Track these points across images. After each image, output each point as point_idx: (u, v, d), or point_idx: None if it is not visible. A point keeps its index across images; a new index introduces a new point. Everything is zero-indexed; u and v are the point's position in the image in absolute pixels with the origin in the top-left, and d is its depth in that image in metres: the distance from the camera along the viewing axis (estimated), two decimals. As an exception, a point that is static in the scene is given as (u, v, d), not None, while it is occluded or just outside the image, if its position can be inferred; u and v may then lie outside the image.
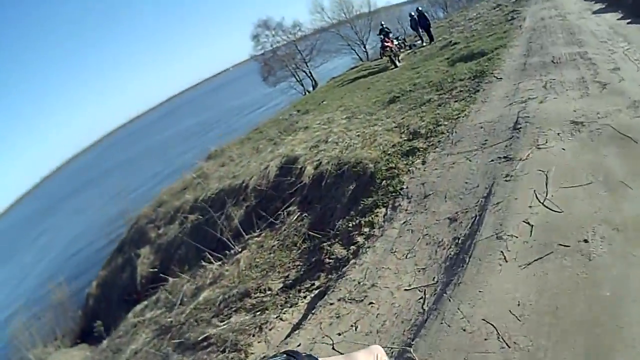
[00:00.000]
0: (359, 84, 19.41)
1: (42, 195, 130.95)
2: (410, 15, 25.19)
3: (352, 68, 28.69)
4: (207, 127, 50.70)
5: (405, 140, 8.21)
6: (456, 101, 9.19)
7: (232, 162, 15.03)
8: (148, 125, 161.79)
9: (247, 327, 5.72)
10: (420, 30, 24.02)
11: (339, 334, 4.17)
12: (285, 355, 0.77)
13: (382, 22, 28.42)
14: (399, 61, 20.68)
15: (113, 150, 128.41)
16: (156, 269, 12.23)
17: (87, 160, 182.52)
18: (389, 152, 7.86)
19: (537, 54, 10.79)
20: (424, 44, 23.64)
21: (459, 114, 8.26)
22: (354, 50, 37.69)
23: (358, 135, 9.85)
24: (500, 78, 9.59)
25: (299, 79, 35.64)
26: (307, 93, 33.29)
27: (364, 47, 36.48)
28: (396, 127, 9.22)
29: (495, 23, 18.55)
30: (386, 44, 20.23)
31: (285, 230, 8.49)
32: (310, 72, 35.53)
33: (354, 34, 37.77)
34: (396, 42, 26.25)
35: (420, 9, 24.09)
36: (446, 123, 8.05)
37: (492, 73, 10.22)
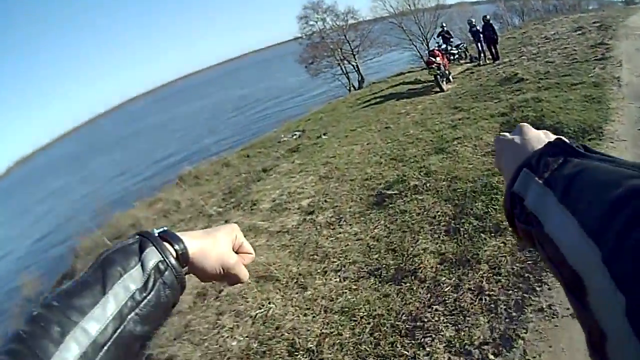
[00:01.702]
0: (384, 110, 14.09)
1: (86, 136, 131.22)
2: (471, 24, 19.04)
3: (398, 74, 22.94)
4: (243, 105, 45.87)
5: None
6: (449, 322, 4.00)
7: (168, 215, 10.97)
8: (203, 84, 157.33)
9: None
10: (483, 44, 17.91)
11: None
12: (137, 236, 0.66)
13: (444, 24, 22.52)
14: (447, 81, 15.21)
15: (160, 105, 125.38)
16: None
17: (136, 109, 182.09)
18: None
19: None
20: (487, 61, 17.72)
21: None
22: (415, 47, 31.55)
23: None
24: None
25: (345, 72, 29.87)
26: (352, 89, 27.82)
27: (427, 45, 30.24)
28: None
29: (580, 58, 12.54)
30: (432, 59, 14.63)
31: None
32: (357, 66, 29.59)
33: (418, 28, 31.71)
34: (456, 51, 20.65)
35: (488, 17, 17.91)
36: None
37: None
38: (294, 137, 14.94)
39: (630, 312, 0.34)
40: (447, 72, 15.43)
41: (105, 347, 0.53)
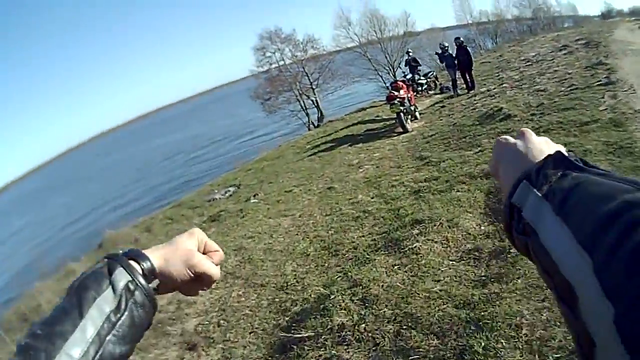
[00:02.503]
0: (334, 159, 11.15)
1: (55, 171, 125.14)
2: (443, 48, 16.08)
3: (359, 110, 19.93)
4: (202, 145, 42.24)
5: None
6: None
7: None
8: (166, 120, 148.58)
9: None
10: (455, 70, 15.06)
11: None
12: (106, 259, 0.65)
13: (409, 51, 19.78)
14: (413, 118, 12.41)
15: (123, 143, 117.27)
16: None
17: (102, 146, 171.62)
18: None
19: None
20: (458, 92, 14.85)
21: None
22: (381, 77, 28.84)
23: None
24: None
25: (304, 108, 26.65)
26: (311, 127, 24.77)
27: (394, 75, 27.31)
28: None
29: (578, 84, 9.62)
30: (394, 92, 11.74)
31: None
32: (317, 101, 26.35)
33: (384, 57, 29.03)
34: (424, 81, 17.86)
35: (461, 39, 15.06)
36: None
37: None
38: (227, 194, 12.08)
39: (618, 321, 0.34)
40: (412, 107, 12.54)
41: None
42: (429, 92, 17.88)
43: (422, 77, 17.84)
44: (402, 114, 11.46)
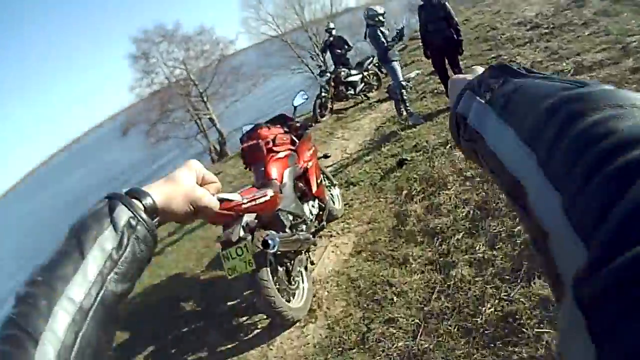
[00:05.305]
0: None
1: None
2: (371, 18, 6.73)
3: None
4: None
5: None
6: None
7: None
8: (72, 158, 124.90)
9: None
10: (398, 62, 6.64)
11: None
12: (106, 198, 0.62)
13: (330, 23, 11.03)
14: (325, 220, 3.91)
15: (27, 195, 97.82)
16: None
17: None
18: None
19: None
20: (405, 114, 6.37)
21: None
22: (307, 66, 20.57)
23: None
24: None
25: (202, 129, 17.46)
26: (214, 152, 16.02)
27: (323, 60, 18.55)
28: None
29: None
30: (230, 210, 3.22)
31: None
32: (213, 119, 17.11)
33: (308, 38, 21.02)
34: (358, 77, 9.35)
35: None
36: None
37: None
38: None
39: (566, 207, 0.34)
40: (315, 214, 3.85)
41: (92, 311, 0.51)
42: (368, 95, 9.36)
43: (353, 72, 9.23)
44: (269, 277, 2.88)
